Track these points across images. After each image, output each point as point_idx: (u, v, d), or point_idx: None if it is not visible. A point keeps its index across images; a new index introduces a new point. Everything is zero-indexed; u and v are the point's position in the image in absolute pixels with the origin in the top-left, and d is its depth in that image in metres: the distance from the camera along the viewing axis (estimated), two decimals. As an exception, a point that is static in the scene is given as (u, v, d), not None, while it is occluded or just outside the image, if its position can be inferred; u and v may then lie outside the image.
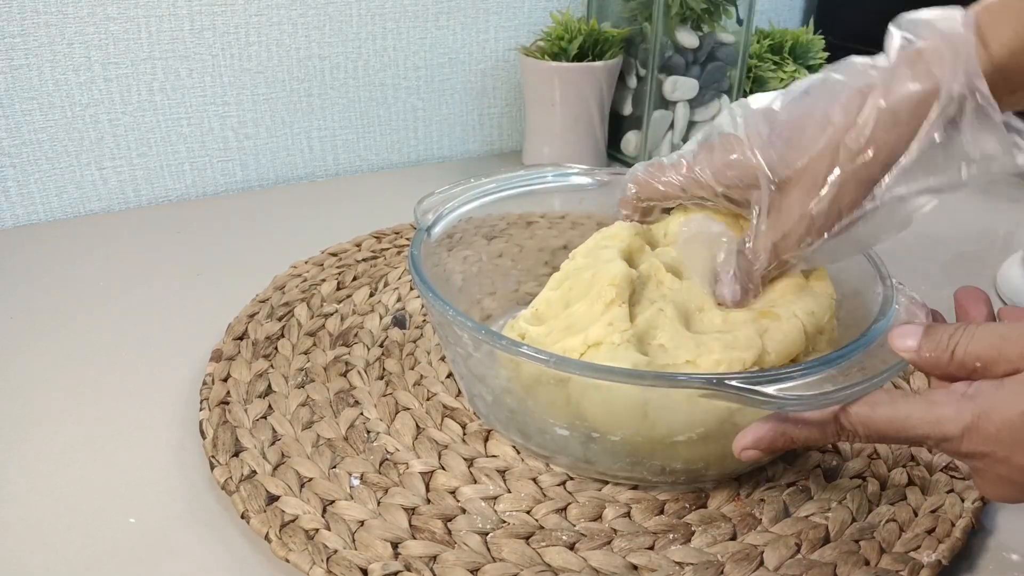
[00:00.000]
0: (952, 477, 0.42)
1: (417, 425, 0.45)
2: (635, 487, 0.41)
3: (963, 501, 0.40)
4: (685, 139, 0.80)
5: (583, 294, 0.41)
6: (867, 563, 0.37)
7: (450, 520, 0.38)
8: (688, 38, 0.76)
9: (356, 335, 0.52)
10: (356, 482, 0.40)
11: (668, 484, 0.41)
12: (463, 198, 0.50)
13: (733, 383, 0.33)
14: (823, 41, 0.86)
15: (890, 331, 0.34)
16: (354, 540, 0.37)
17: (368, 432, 0.44)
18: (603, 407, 0.38)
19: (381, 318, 0.54)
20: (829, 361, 0.34)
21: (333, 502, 0.39)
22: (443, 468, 0.42)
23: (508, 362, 0.40)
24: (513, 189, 0.52)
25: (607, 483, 0.41)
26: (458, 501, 0.40)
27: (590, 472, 0.41)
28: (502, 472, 0.41)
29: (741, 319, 0.40)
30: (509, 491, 0.40)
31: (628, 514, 0.40)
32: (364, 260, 0.62)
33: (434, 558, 0.36)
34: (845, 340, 0.37)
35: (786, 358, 0.39)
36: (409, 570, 0.35)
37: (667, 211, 0.46)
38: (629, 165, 0.59)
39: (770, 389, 0.33)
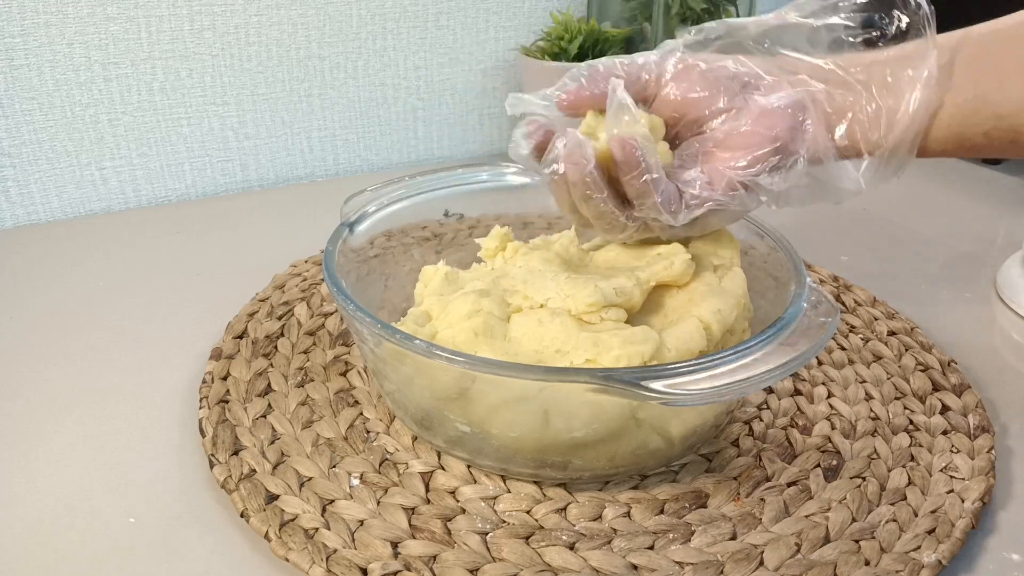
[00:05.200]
0: (952, 477, 0.42)
1: (417, 425, 0.45)
2: (635, 487, 0.41)
3: (963, 501, 0.40)
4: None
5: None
6: (867, 563, 0.37)
7: (450, 520, 0.38)
8: (688, 38, 0.76)
9: (356, 335, 0.52)
10: (356, 482, 0.40)
11: (585, 481, 0.41)
12: (392, 197, 0.50)
13: (620, 378, 0.33)
14: (823, 41, 0.85)
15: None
16: (354, 539, 0.37)
17: (368, 432, 0.44)
18: (498, 404, 0.38)
19: (381, 318, 0.54)
20: (721, 358, 0.35)
21: (333, 501, 0.39)
22: (443, 468, 0.42)
23: (396, 354, 0.40)
24: (444, 189, 0.52)
25: (607, 483, 0.41)
26: (458, 501, 0.40)
27: (495, 469, 0.41)
28: (501, 472, 0.41)
29: (620, 262, 0.43)
30: (509, 491, 0.40)
31: (628, 514, 0.40)
32: (364, 260, 0.62)
33: (434, 558, 0.36)
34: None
35: (687, 354, 0.39)
36: (409, 570, 0.35)
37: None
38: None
39: (658, 384, 0.33)
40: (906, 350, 0.52)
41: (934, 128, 0.39)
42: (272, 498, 0.39)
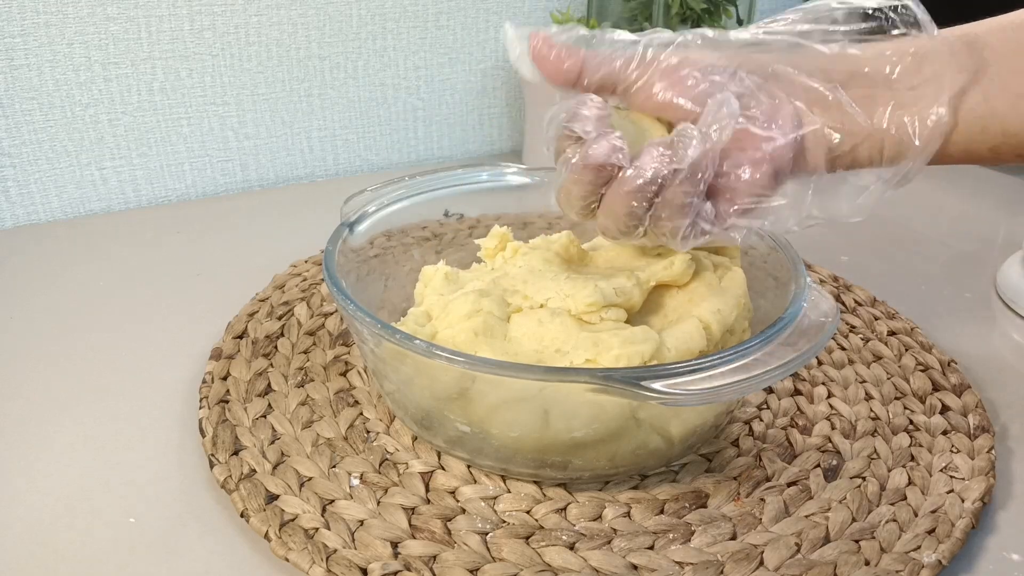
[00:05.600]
0: (952, 477, 0.42)
1: (417, 425, 0.45)
2: (635, 487, 0.41)
3: (963, 501, 0.40)
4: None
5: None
6: (867, 563, 0.37)
7: (450, 520, 0.38)
8: (688, 38, 0.76)
9: (356, 335, 0.52)
10: (356, 482, 0.40)
11: (585, 481, 0.41)
12: (392, 197, 0.50)
13: (620, 378, 0.34)
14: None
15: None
16: (354, 539, 0.37)
17: (368, 432, 0.44)
18: (498, 404, 0.38)
19: (381, 318, 0.54)
20: (721, 358, 0.35)
21: (333, 501, 0.39)
22: (443, 468, 0.42)
23: (396, 354, 0.40)
24: (444, 189, 0.52)
25: (607, 483, 0.41)
26: (458, 501, 0.40)
27: (495, 469, 0.41)
28: (502, 472, 0.41)
29: (620, 262, 0.43)
30: (509, 491, 0.40)
31: (628, 514, 0.40)
32: (364, 260, 0.62)
33: (434, 558, 0.36)
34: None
35: (687, 354, 0.39)
36: (409, 570, 0.35)
37: None
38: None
39: (658, 384, 0.33)
40: (906, 350, 0.52)
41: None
42: (272, 498, 0.39)
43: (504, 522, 0.39)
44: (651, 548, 0.38)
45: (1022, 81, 0.37)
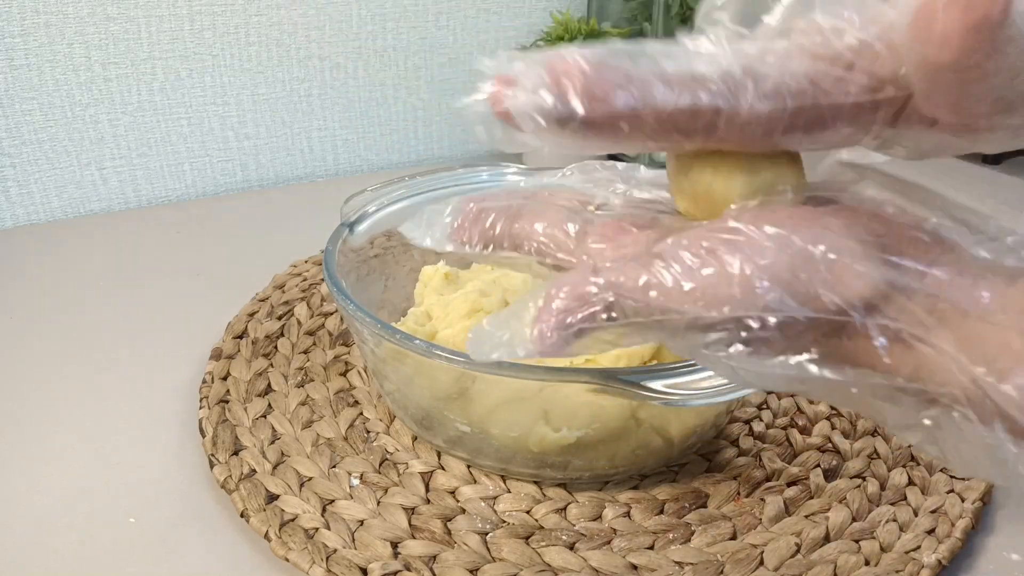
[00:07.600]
0: (952, 477, 0.42)
1: (417, 425, 0.45)
2: (635, 487, 0.41)
3: (963, 501, 0.40)
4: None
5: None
6: (867, 563, 0.37)
7: (450, 520, 0.38)
8: (688, 38, 0.76)
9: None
10: (356, 482, 0.40)
11: (585, 481, 0.41)
12: (392, 197, 0.50)
13: (620, 378, 0.34)
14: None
15: None
16: (354, 539, 0.37)
17: (368, 432, 0.44)
18: (498, 404, 0.38)
19: (381, 318, 0.54)
20: None
21: (333, 501, 0.39)
22: (443, 468, 0.42)
23: (396, 354, 0.40)
24: (444, 189, 0.52)
25: (607, 483, 0.41)
26: (458, 501, 0.40)
27: (495, 469, 0.41)
28: (502, 472, 0.41)
29: None
30: (509, 491, 0.40)
31: (628, 514, 0.40)
32: (364, 260, 0.62)
33: (434, 558, 0.36)
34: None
35: None
36: (409, 570, 0.35)
37: None
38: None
39: (658, 384, 0.33)
40: (906, 350, 0.52)
41: None
42: (272, 498, 0.39)
43: (504, 522, 0.39)
44: (651, 548, 0.38)
45: None
